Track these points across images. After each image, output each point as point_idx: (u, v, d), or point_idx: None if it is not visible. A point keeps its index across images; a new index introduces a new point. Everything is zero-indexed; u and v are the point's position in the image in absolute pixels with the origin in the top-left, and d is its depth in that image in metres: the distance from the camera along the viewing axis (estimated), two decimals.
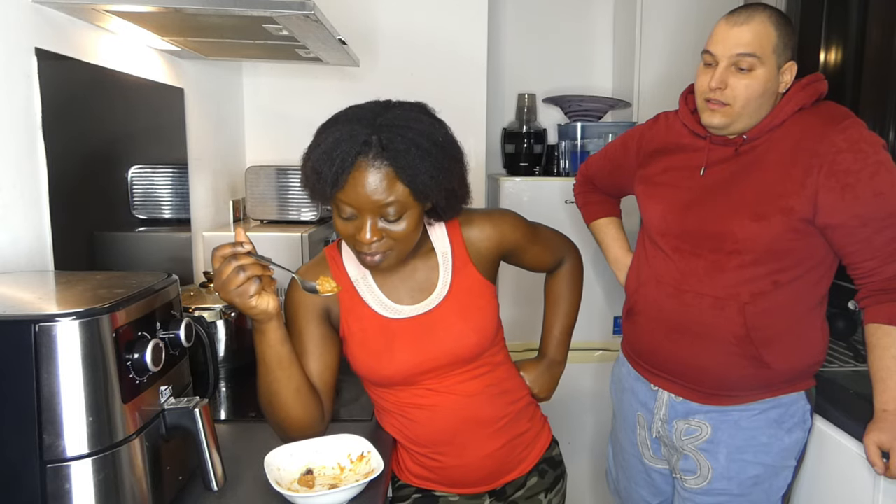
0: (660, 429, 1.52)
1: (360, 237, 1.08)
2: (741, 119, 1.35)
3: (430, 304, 1.20)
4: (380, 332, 1.19)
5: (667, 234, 1.46)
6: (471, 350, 1.20)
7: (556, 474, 1.37)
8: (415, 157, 1.05)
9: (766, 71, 1.32)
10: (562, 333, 1.45)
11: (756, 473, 1.43)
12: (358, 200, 1.06)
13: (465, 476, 1.26)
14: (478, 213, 1.28)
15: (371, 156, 1.04)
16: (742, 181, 1.36)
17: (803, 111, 1.35)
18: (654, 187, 1.51)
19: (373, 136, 1.05)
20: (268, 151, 2.49)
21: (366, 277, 1.22)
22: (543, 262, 1.40)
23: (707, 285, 1.38)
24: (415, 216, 1.10)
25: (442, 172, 1.08)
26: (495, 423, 1.24)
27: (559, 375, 1.44)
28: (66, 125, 1.31)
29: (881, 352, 1.29)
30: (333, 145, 1.05)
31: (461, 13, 2.46)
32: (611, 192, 1.75)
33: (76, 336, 0.81)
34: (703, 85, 1.38)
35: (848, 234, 1.30)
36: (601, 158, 1.74)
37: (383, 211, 1.07)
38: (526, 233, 1.31)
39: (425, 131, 1.08)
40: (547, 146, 2.71)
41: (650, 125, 1.60)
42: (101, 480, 0.84)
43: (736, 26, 1.33)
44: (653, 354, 1.50)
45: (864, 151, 1.27)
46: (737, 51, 1.32)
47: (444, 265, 1.22)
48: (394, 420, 1.26)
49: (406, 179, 1.05)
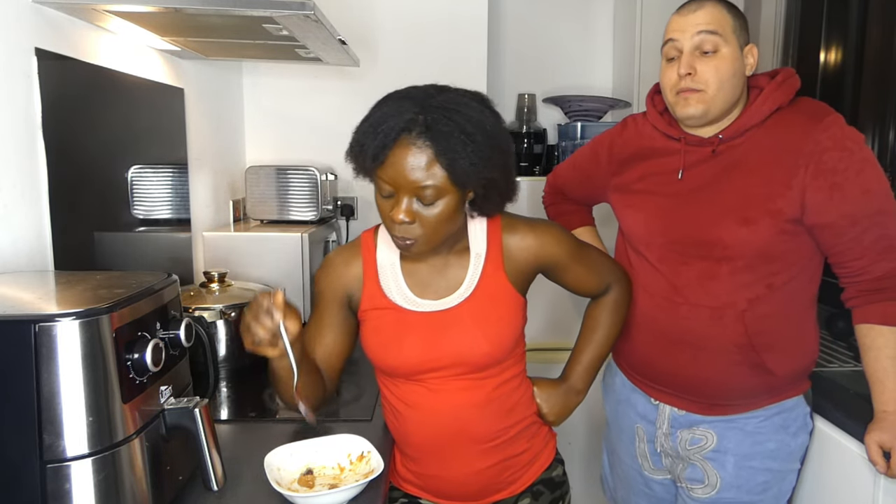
0: (663, 442, 1.48)
1: (392, 214, 1.07)
2: (716, 104, 1.31)
3: (450, 303, 1.18)
4: (394, 321, 1.18)
5: (651, 243, 1.41)
6: (481, 358, 1.17)
7: (555, 496, 1.30)
8: (457, 141, 1.03)
9: (730, 50, 1.30)
10: (590, 362, 1.35)
11: (765, 480, 1.40)
12: (396, 178, 1.05)
13: (449, 489, 1.23)
14: (523, 220, 1.24)
15: (414, 134, 1.03)
16: (724, 184, 1.33)
17: (781, 110, 1.33)
18: (632, 195, 1.46)
19: (419, 116, 1.03)
20: (268, 151, 2.49)
21: (394, 266, 1.21)
22: (587, 285, 1.32)
23: (701, 296, 1.34)
24: (451, 204, 1.08)
25: (484, 161, 1.05)
26: (489, 440, 1.20)
27: (575, 405, 1.34)
28: (66, 125, 1.31)
29: (876, 353, 1.28)
30: (380, 119, 1.05)
31: (461, 13, 2.46)
32: (582, 201, 1.70)
33: (76, 336, 0.81)
34: (671, 78, 1.35)
35: (837, 234, 1.28)
36: (570, 168, 1.69)
37: (419, 192, 1.05)
38: (570, 251, 1.25)
39: (474, 118, 1.06)
40: (547, 146, 2.71)
41: (619, 131, 1.55)
42: (101, 480, 0.84)
43: (691, 13, 1.32)
44: (650, 368, 1.45)
45: (849, 149, 1.26)
46: (698, 29, 1.30)
47: (474, 266, 1.19)
48: (391, 415, 1.25)
49: (445, 163, 1.03)
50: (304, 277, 2.01)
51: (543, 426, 1.31)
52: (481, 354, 1.16)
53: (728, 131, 1.34)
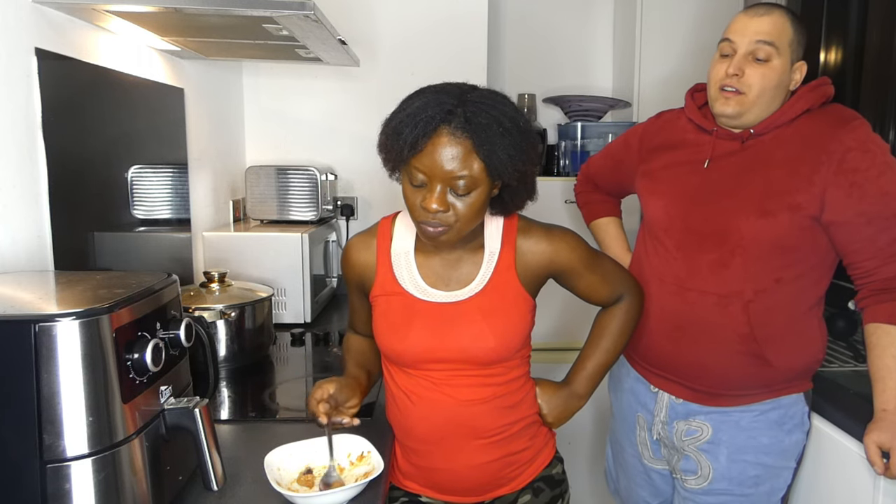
0: (660, 430, 1.52)
1: (425, 204, 1.09)
2: (753, 110, 1.36)
3: (460, 297, 1.19)
4: (403, 308, 1.20)
5: (670, 229, 1.45)
6: (486, 354, 1.18)
7: (555, 493, 1.31)
8: (495, 133, 1.06)
9: (781, 63, 1.34)
10: (595, 369, 1.35)
11: (757, 474, 1.43)
12: (432, 168, 1.07)
13: (451, 482, 1.24)
14: (538, 225, 1.26)
15: (453, 125, 1.06)
16: (748, 177, 1.36)
17: (811, 112, 1.37)
18: (657, 182, 1.51)
19: (458, 108, 1.06)
20: (268, 151, 2.49)
21: (408, 255, 1.23)
22: (598, 294, 1.32)
23: (711, 283, 1.38)
24: (483, 195, 1.11)
25: (519, 153, 1.09)
26: (491, 435, 1.21)
27: (575, 409, 1.33)
28: (66, 125, 1.31)
29: (881, 351, 1.29)
30: (420, 109, 1.07)
31: (461, 13, 2.46)
32: (612, 191, 1.75)
33: (76, 336, 0.81)
34: (719, 73, 1.38)
35: (851, 232, 1.30)
36: (603, 157, 1.75)
37: (454, 182, 1.08)
38: (583, 259, 1.26)
39: (509, 114, 1.10)
40: (547, 146, 2.71)
41: (652, 122, 1.61)
42: (101, 480, 0.84)
43: (756, 17, 1.36)
44: (653, 354, 1.49)
45: (872, 151, 1.29)
46: (756, 38, 1.34)
47: (487, 263, 1.21)
48: (394, 407, 1.25)
49: (483, 154, 1.06)
50: (304, 277, 2.01)
51: (542, 427, 1.32)
52: (487, 350, 1.17)
53: (759, 127, 1.38)
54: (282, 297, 2.01)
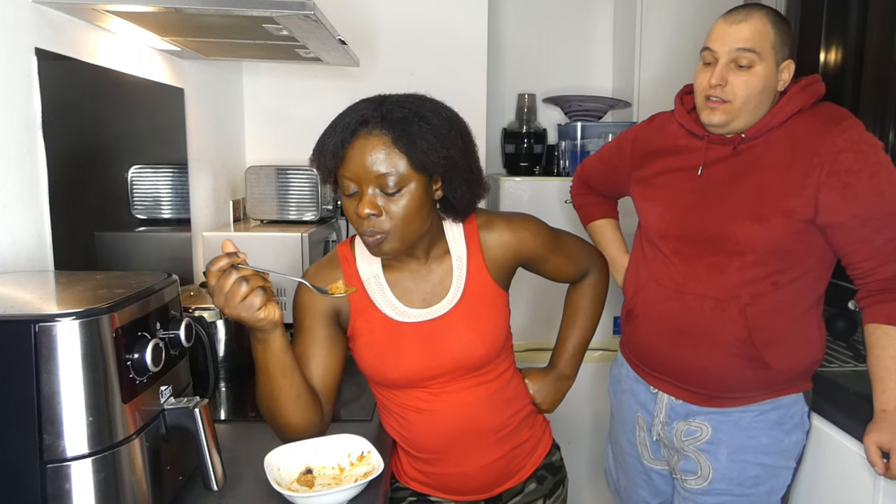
0: (660, 431, 1.52)
1: (358, 209, 1.07)
2: (741, 116, 1.35)
3: (441, 310, 1.18)
4: (388, 334, 1.18)
5: (666, 236, 1.45)
6: (478, 359, 1.19)
7: (556, 480, 1.35)
8: (413, 125, 1.05)
9: (765, 68, 1.33)
10: (575, 347, 1.40)
11: (756, 474, 1.43)
12: (357, 172, 1.06)
13: (461, 484, 1.25)
14: (498, 217, 1.25)
15: (370, 126, 1.06)
16: (741, 182, 1.36)
17: (802, 112, 1.36)
18: (652, 189, 1.51)
19: (376, 112, 1.07)
20: (268, 151, 2.49)
21: (378, 278, 1.20)
22: (565, 273, 1.35)
23: (709, 287, 1.38)
24: (417, 193, 1.07)
25: (441, 140, 1.06)
26: (496, 433, 1.22)
27: (566, 390, 1.39)
28: (66, 125, 1.31)
29: (880, 351, 1.29)
30: (339, 119, 1.09)
31: (461, 13, 2.46)
32: (607, 193, 1.75)
33: (76, 336, 0.81)
34: (702, 83, 1.38)
35: (847, 234, 1.30)
36: (596, 160, 1.74)
37: (382, 182, 1.05)
38: (547, 242, 1.27)
39: (428, 106, 1.09)
40: (547, 146, 2.71)
41: (644, 126, 1.60)
42: (101, 480, 0.84)
43: (735, 24, 1.34)
44: (653, 357, 1.49)
45: (864, 152, 1.28)
46: (736, 45, 1.32)
47: (458, 269, 1.20)
48: (394, 422, 1.26)
49: (403, 147, 1.05)
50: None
51: (539, 415, 1.35)
52: (478, 356, 1.18)
53: (750, 131, 1.37)
54: (282, 297, 2.00)
